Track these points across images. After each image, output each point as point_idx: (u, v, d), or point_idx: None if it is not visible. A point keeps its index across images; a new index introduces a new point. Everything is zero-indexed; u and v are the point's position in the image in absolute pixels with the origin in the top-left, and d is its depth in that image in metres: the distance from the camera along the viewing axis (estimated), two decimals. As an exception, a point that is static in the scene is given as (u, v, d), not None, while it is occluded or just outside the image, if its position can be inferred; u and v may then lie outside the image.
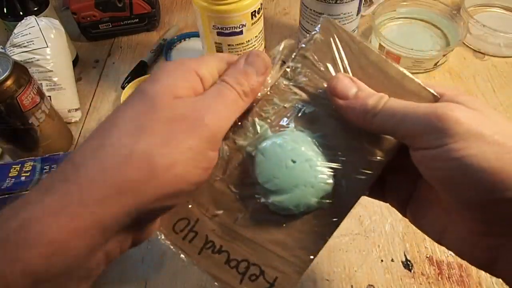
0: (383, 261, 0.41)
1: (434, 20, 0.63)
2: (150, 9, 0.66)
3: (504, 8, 0.66)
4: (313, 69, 0.26)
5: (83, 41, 0.68)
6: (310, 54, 0.26)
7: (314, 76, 0.26)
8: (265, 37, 0.53)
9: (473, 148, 0.20)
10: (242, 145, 0.26)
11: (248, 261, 0.24)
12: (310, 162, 0.24)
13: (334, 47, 0.26)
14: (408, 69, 0.60)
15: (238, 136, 0.26)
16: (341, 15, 0.51)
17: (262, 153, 0.25)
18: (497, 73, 0.59)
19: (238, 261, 0.24)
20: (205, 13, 0.46)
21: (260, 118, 0.26)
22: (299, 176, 0.24)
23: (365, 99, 0.24)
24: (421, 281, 0.39)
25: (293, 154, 0.24)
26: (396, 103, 0.23)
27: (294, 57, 0.27)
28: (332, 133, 0.26)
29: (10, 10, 0.57)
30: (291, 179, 0.24)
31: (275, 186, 0.24)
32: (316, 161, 0.24)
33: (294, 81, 0.26)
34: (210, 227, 0.25)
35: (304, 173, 0.24)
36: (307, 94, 0.26)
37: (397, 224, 0.43)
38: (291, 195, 0.24)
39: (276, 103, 0.26)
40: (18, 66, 0.43)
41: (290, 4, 0.72)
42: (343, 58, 0.26)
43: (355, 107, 0.24)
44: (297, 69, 0.26)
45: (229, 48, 0.49)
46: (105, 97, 0.59)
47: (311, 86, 0.26)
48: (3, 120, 0.43)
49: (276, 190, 0.24)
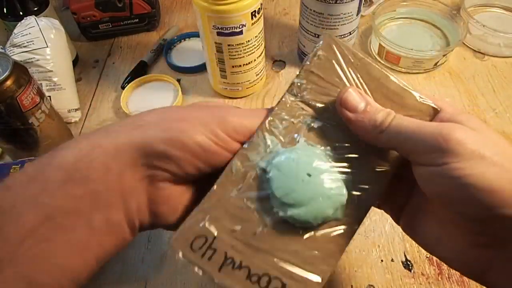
0: (383, 261, 0.41)
1: (434, 20, 0.63)
2: (150, 9, 0.66)
3: (504, 8, 0.66)
4: (318, 84, 0.27)
5: (83, 41, 0.68)
6: (314, 70, 0.27)
7: (320, 92, 0.27)
8: (265, 37, 0.53)
9: (474, 168, 0.21)
10: (255, 161, 0.26)
11: (269, 275, 0.25)
12: (325, 175, 0.25)
13: (336, 64, 0.27)
14: (408, 69, 0.61)
15: (250, 152, 0.26)
16: (341, 15, 0.51)
17: (277, 168, 0.25)
18: (497, 73, 0.59)
19: (259, 276, 0.25)
20: (205, 13, 0.46)
21: (270, 133, 0.27)
22: (316, 189, 0.25)
23: (373, 114, 0.25)
24: (421, 281, 0.39)
25: (308, 168, 0.25)
26: (402, 121, 0.24)
27: (299, 73, 0.28)
28: (341, 146, 0.27)
29: (10, 10, 0.57)
30: (308, 192, 0.25)
31: (292, 199, 0.25)
32: (330, 174, 0.25)
33: (301, 97, 0.27)
34: (229, 243, 0.25)
35: (320, 186, 0.25)
36: (314, 109, 0.27)
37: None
38: (308, 208, 0.25)
39: (284, 118, 0.27)
40: (18, 66, 0.43)
41: (290, 4, 0.72)
42: (347, 73, 0.27)
43: (364, 121, 0.25)
44: (303, 85, 0.27)
45: (229, 48, 0.49)
46: (105, 97, 0.59)
47: (317, 101, 0.27)
48: (3, 120, 0.43)
49: (293, 204, 0.25)
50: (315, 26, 0.54)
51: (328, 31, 0.53)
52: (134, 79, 0.59)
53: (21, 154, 0.48)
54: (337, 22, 0.52)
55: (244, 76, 0.54)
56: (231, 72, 0.53)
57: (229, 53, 0.50)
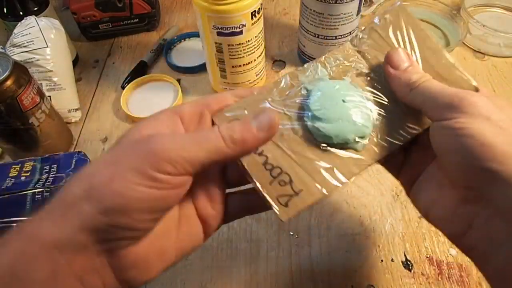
0: (383, 261, 0.41)
1: (434, 20, 0.63)
2: (150, 9, 0.66)
3: (504, 8, 0.66)
4: (377, 42, 0.31)
5: (83, 41, 0.68)
6: (378, 29, 0.31)
7: (376, 48, 0.31)
8: (265, 37, 0.53)
9: (476, 124, 0.23)
10: (304, 81, 0.30)
11: (281, 169, 0.27)
12: (357, 106, 0.29)
13: (398, 29, 0.31)
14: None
15: (301, 73, 0.30)
16: (341, 15, 0.51)
17: (319, 89, 0.29)
18: (497, 73, 0.59)
19: (273, 166, 0.27)
20: (205, 13, 0.46)
21: (322, 65, 0.31)
22: (346, 113, 0.28)
23: (411, 73, 0.28)
24: (421, 281, 0.39)
25: (345, 96, 0.29)
26: (432, 84, 0.27)
27: (364, 28, 0.31)
28: (380, 98, 0.30)
29: (10, 10, 0.57)
30: (338, 112, 0.28)
31: (323, 114, 0.28)
32: (362, 107, 0.29)
33: (359, 47, 0.31)
34: None
35: (350, 112, 0.28)
36: (367, 60, 0.31)
37: (397, 224, 0.43)
38: (334, 125, 0.28)
39: (339, 59, 0.31)
40: (18, 66, 0.43)
41: (290, 4, 0.72)
42: (405, 38, 0.31)
43: (401, 78, 0.28)
44: (363, 39, 0.31)
45: (229, 48, 0.49)
46: (105, 97, 0.59)
47: (372, 55, 0.31)
48: (3, 120, 0.43)
49: (322, 118, 0.28)
50: (315, 26, 0.54)
51: (328, 31, 0.53)
52: (134, 79, 0.59)
53: (21, 154, 0.48)
54: (337, 22, 0.52)
55: (244, 76, 0.54)
56: (231, 72, 0.53)
57: (229, 53, 0.50)
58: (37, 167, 0.43)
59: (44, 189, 0.39)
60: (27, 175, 0.42)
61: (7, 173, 0.42)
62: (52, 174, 0.43)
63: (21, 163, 0.44)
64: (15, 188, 0.40)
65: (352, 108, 0.28)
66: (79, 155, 0.43)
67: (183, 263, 0.41)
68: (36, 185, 0.41)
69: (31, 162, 0.44)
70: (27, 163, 0.44)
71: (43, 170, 0.43)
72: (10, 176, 0.42)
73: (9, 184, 0.41)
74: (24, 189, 0.40)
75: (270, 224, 0.44)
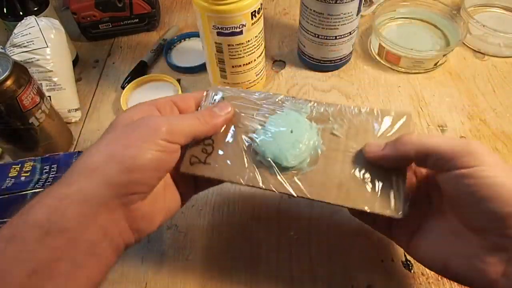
0: (383, 261, 0.41)
1: (434, 20, 0.63)
2: (150, 9, 0.66)
3: (504, 8, 0.66)
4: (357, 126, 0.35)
5: (83, 41, 0.68)
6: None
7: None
8: (265, 37, 0.53)
9: (499, 172, 0.25)
10: (286, 106, 0.36)
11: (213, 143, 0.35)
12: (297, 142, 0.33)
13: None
14: (408, 69, 0.61)
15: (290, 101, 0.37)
16: (341, 15, 0.51)
17: (286, 113, 0.35)
18: (497, 73, 0.59)
19: (211, 143, 0.35)
20: (205, 13, 0.46)
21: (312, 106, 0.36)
22: (283, 139, 0.33)
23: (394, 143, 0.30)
24: (421, 281, 0.39)
25: (296, 130, 0.34)
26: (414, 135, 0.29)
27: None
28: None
29: (10, 10, 0.57)
30: (278, 135, 0.33)
31: (269, 130, 0.34)
32: (299, 144, 0.33)
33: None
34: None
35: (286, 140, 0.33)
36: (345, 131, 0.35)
37: (397, 224, 0.43)
38: (269, 142, 0.33)
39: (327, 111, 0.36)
40: (18, 66, 0.43)
41: (290, 4, 0.72)
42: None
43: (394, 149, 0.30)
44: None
45: (229, 48, 0.49)
46: (105, 97, 0.59)
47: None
48: (3, 120, 0.43)
49: (267, 133, 0.34)
50: (315, 26, 0.54)
51: (328, 31, 0.53)
52: (134, 79, 0.59)
53: (21, 154, 0.48)
54: (337, 22, 0.52)
55: (244, 76, 0.54)
56: (231, 72, 0.53)
57: (229, 53, 0.50)
58: (37, 167, 0.43)
59: (44, 189, 0.39)
60: (27, 175, 0.42)
61: (7, 173, 0.42)
62: (52, 174, 0.43)
63: (21, 163, 0.44)
64: (15, 188, 0.40)
65: (291, 140, 0.33)
66: (79, 155, 0.43)
67: (183, 263, 0.41)
68: (36, 185, 0.41)
69: (31, 162, 0.44)
70: (27, 163, 0.44)
71: (43, 170, 0.43)
72: (10, 176, 0.42)
73: (9, 184, 0.41)
74: (24, 189, 0.40)
75: (270, 224, 0.44)
